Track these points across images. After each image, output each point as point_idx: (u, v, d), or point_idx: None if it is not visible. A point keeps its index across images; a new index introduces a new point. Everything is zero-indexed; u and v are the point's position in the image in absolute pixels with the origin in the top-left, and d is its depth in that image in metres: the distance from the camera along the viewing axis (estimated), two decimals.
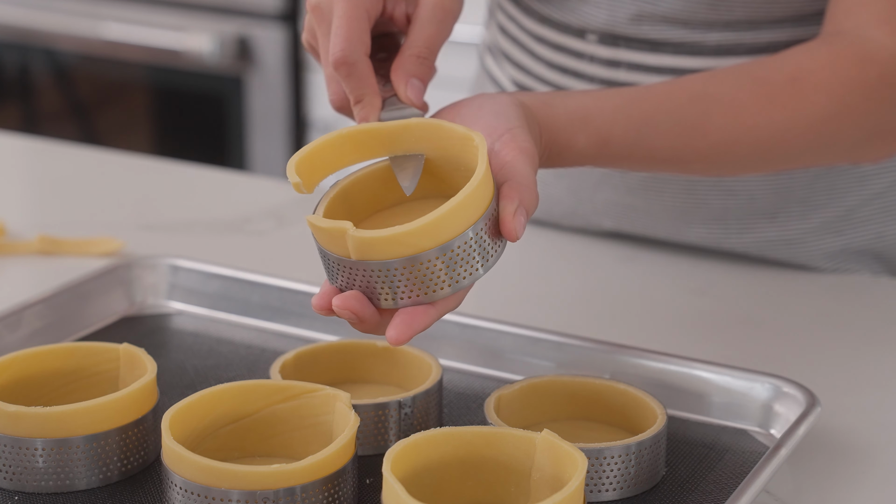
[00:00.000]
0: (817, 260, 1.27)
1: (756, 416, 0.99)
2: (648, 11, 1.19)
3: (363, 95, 0.93)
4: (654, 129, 1.01)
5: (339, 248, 0.85)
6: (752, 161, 1.05)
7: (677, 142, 1.02)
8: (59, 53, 2.80)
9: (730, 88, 1.03)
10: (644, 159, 1.02)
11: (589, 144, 0.98)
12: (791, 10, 1.17)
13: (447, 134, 0.89)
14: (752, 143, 1.03)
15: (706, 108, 1.02)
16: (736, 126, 1.02)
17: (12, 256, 1.28)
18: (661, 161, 1.03)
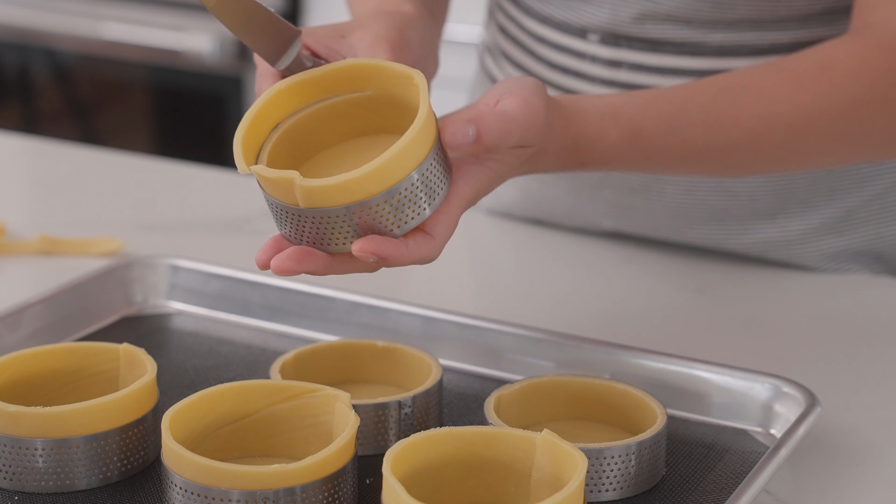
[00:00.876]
0: (817, 261, 1.27)
1: (756, 416, 0.99)
2: (652, 10, 1.19)
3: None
4: (685, 121, 1.00)
5: (286, 197, 0.86)
6: (788, 152, 1.04)
7: (710, 132, 1.01)
8: (59, 53, 2.80)
9: (758, 79, 1.03)
10: (679, 154, 1.01)
11: (621, 137, 0.98)
12: (795, 10, 1.17)
13: (386, 73, 0.90)
14: (785, 130, 1.02)
15: (736, 97, 1.02)
16: (768, 113, 1.02)
17: (12, 256, 1.28)
18: (697, 154, 1.02)
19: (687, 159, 1.02)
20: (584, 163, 0.98)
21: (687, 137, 1.01)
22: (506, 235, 1.36)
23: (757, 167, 1.07)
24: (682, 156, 1.02)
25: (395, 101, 0.90)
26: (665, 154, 1.01)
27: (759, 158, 1.04)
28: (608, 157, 0.99)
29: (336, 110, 0.92)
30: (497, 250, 1.35)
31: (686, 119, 1.01)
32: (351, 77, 0.91)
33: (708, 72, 1.20)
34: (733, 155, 1.03)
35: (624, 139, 0.98)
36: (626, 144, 0.99)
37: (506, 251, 1.34)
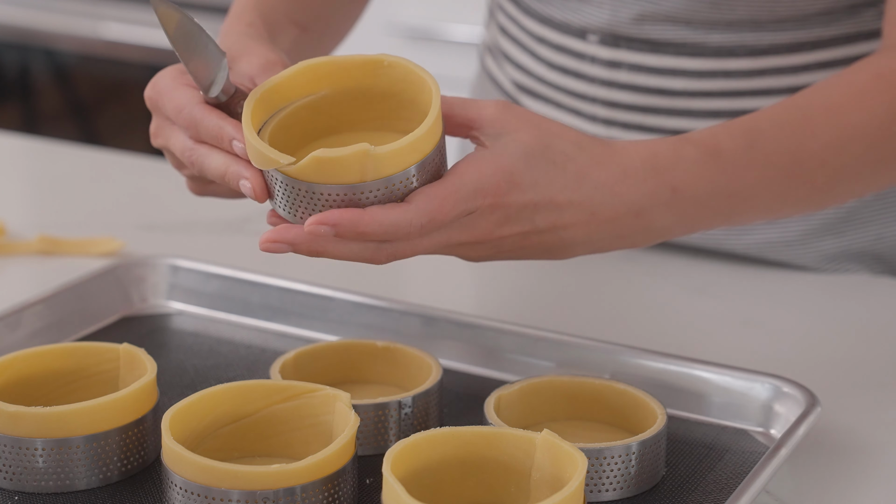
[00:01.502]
0: (817, 261, 1.27)
1: (756, 416, 0.99)
2: (651, 11, 1.19)
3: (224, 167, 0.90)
4: (761, 135, 0.97)
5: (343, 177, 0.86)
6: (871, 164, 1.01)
7: (789, 144, 0.98)
8: (59, 53, 2.80)
9: (821, 96, 1.01)
10: (764, 172, 0.97)
11: (699, 154, 0.94)
12: (794, 10, 1.17)
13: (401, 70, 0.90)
14: (861, 139, 1.00)
15: (805, 112, 0.99)
16: (840, 125, 0.99)
17: (12, 256, 1.28)
18: (784, 172, 0.98)
19: (775, 180, 0.98)
20: (675, 188, 0.94)
21: (768, 152, 0.97)
22: None
23: (847, 187, 1.03)
24: (768, 175, 0.97)
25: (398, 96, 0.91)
26: (751, 172, 0.97)
27: (846, 175, 1.01)
28: (695, 180, 0.94)
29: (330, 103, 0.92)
30: None
31: (761, 133, 0.97)
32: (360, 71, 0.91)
33: (707, 72, 1.20)
34: (819, 172, 0.99)
35: (703, 155, 0.95)
36: (708, 159, 0.95)
37: None
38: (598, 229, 0.92)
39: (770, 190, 0.98)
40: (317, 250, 0.87)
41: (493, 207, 0.88)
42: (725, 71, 1.20)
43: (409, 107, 0.91)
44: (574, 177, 0.90)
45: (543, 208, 0.90)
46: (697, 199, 0.95)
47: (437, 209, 0.86)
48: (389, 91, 0.91)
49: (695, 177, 0.94)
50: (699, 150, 0.95)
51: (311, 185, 0.86)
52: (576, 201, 0.90)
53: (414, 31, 2.50)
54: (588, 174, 0.91)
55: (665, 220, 0.94)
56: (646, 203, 0.93)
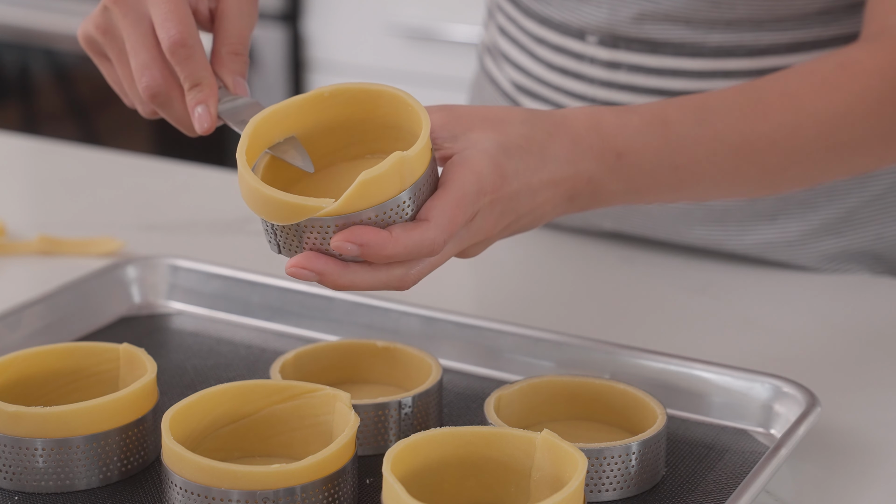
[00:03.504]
0: (817, 261, 1.27)
1: (756, 416, 0.99)
2: (650, 10, 1.19)
3: (202, 78, 0.93)
4: (711, 113, 0.98)
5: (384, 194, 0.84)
6: (824, 151, 1.02)
7: (740, 123, 0.99)
8: (59, 53, 2.80)
9: (780, 81, 1.02)
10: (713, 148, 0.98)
11: (643, 123, 0.96)
12: (793, 10, 1.17)
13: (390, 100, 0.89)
14: (815, 126, 1.01)
15: (759, 94, 1.01)
16: (794, 110, 1.01)
17: (12, 256, 1.28)
18: (733, 150, 0.99)
19: (724, 157, 0.99)
20: (620, 153, 0.95)
21: (718, 129, 0.98)
22: None
23: (799, 171, 1.04)
24: (716, 151, 0.99)
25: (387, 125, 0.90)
26: (699, 145, 0.98)
27: (798, 159, 1.02)
28: (639, 147, 0.96)
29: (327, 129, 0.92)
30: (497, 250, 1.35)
31: (711, 112, 0.99)
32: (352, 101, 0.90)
33: (707, 72, 1.20)
34: (770, 154, 1.00)
35: (649, 124, 0.96)
36: (655, 129, 0.96)
37: (506, 251, 1.34)
38: (560, 198, 0.93)
39: (719, 167, 0.99)
40: (346, 282, 0.85)
41: (492, 204, 0.89)
42: (725, 71, 1.20)
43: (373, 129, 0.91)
44: (539, 154, 0.91)
45: (523, 195, 0.91)
46: (643, 167, 0.96)
47: (451, 220, 0.85)
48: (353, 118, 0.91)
49: (639, 144, 0.95)
50: (643, 119, 0.96)
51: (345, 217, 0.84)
52: (545, 180, 0.91)
53: (414, 31, 2.50)
54: (547, 148, 0.92)
55: (613, 186, 0.95)
56: (594, 169, 0.94)
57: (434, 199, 0.86)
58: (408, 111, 0.88)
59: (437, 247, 0.85)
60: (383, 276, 0.86)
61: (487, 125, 0.90)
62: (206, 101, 0.93)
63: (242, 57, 0.97)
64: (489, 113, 0.91)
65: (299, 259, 0.85)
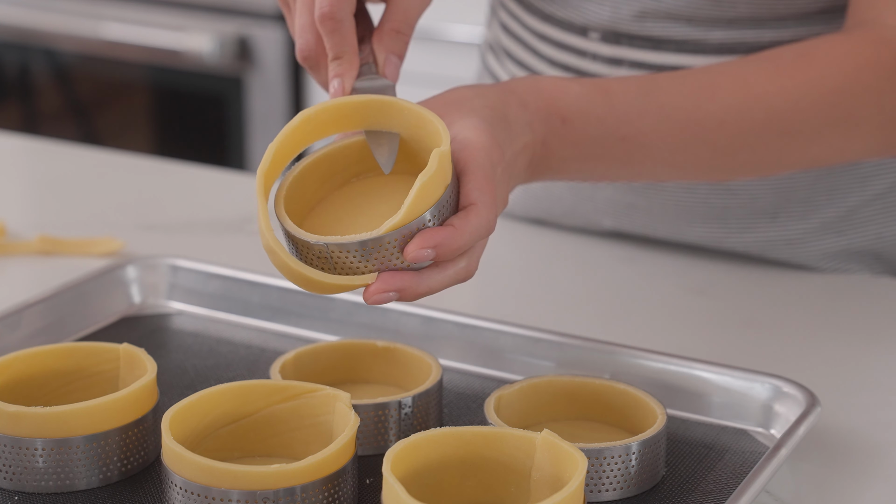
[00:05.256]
0: (818, 260, 1.27)
1: (756, 416, 0.99)
2: (652, 8, 1.19)
3: (343, 53, 0.93)
4: (656, 88, 1.00)
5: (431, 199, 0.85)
6: (775, 136, 1.03)
7: (686, 101, 1.00)
8: (59, 53, 2.80)
9: (734, 66, 1.03)
10: (658, 122, 0.99)
11: (585, 90, 0.97)
12: (794, 8, 1.17)
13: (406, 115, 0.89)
14: (765, 110, 1.02)
15: (711, 76, 1.02)
16: (744, 92, 1.01)
17: (12, 256, 1.28)
18: (680, 127, 1.00)
19: (671, 132, 1.00)
20: (564, 118, 0.96)
21: (662, 103, 0.99)
22: (506, 235, 1.36)
23: (751, 156, 1.04)
24: (663, 125, 0.99)
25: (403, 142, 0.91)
26: (644, 119, 0.99)
27: (747, 142, 1.02)
28: (582, 112, 0.97)
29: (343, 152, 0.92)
30: (497, 250, 1.35)
31: (657, 87, 1.00)
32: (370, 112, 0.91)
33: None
34: (719, 134, 1.01)
35: (591, 92, 0.97)
36: (596, 98, 0.97)
37: (506, 251, 1.34)
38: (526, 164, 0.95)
39: (667, 143, 1.00)
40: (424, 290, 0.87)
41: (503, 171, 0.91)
42: None
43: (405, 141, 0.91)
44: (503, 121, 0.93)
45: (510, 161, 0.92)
46: (589, 133, 0.97)
47: (491, 197, 0.87)
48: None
49: (582, 110, 0.97)
50: (584, 88, 0.97)
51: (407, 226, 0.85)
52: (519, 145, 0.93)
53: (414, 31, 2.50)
54: (507, 116, 0.93)
55: (563, 152, 0.97)
56: (544, 131, 0.95)
57: (467, 184, 0.87)
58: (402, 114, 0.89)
59: (493, 225, 0.87)
60: (451, 272, 0.88)
61: (453, 107, 0.92)
62: (343, 76, 0.93)
63: (403, 36, 0.96)
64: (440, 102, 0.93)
65: (378, 286, 0.86)
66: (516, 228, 1.36)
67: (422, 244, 0.84)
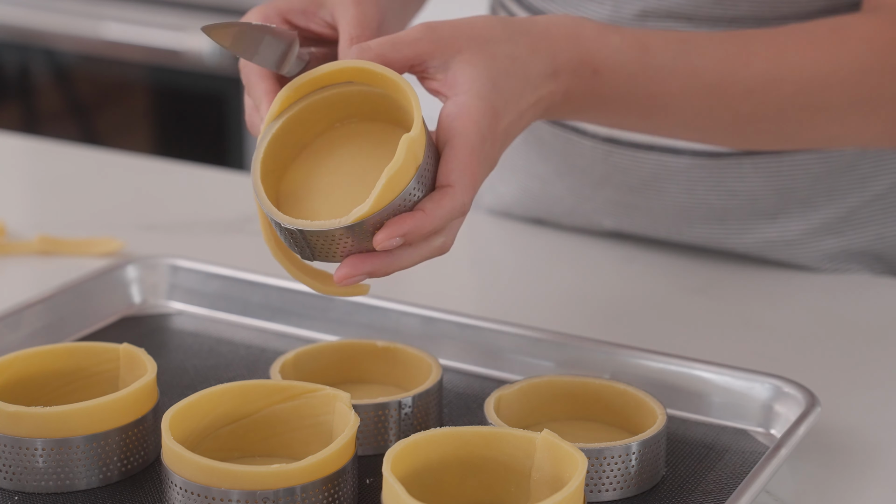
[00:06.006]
0: (818, 261, 1.27)
1: (756, 416, 0.99)
2: (653, 7, 1.19)
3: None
4: (693, 48, 0.99)
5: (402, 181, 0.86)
6: (799, 110, 1.03)
7: (720, 64, 0.99)
8: (59, 53, 2.80)
9: (770, 34, 1.03)
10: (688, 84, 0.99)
11: (625, 43, 0.97)
12: (796, 7, 1.17)
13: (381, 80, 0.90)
14: (794, 82, 1.01)
15: (747, 42, 1.01)
16: (778, 62, 1.01)
17: (12, 256, 1.28)
18: (707, 90, 1.00)
19: (697, 94, 1.00)
20: (596, 70, 0.96)
21: (696, 65, 0.99)
22: (506, 235, 1.36)
23: (771, 126, 1.04)
24: (692, 87, 0.99)
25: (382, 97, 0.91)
26: (674, 80, 0.99)
27: (771, 113, 1.02)
28: (616, 67, 0.96)
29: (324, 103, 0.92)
30: (497, 250, 1.35)
31: (694, 47, 0.99)
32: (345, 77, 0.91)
33: None
34: (744, 102, 1.01)
35: (629, 47, 0.97)
36: (634, 53, 0.97)
37: (506, 251, 1.34)
38: (538, 111, 0.95)
39: (691, 104, 1.00)
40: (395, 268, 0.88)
41: (493, 143, 0.90)
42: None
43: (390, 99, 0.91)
44: (523, 76, 0.93)
45: (513, 122, 0.93)
46: (617, 87, 0.97)
47: (472, 178, 0.87)
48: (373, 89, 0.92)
49: (617, 63, 0.97)
50: (625, 40, 0.97)
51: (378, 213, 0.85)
52: (530, 99, 0.93)
53: None
54: (530, 67, 0.93)
55: (585, 101, 0.97)
56: (571, 81, 0.95)
57: (448, 162, 0.87)
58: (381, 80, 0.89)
59: (467, 206, 0.87)
60: (425, 250, 0.88)
61: (474, 46, 0.91)
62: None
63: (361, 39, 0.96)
64: (473, 30, 0.92)
65: (346, 270, 0.87)
66: (516, 228, 1.36)
67: (390, 234, 0.85)
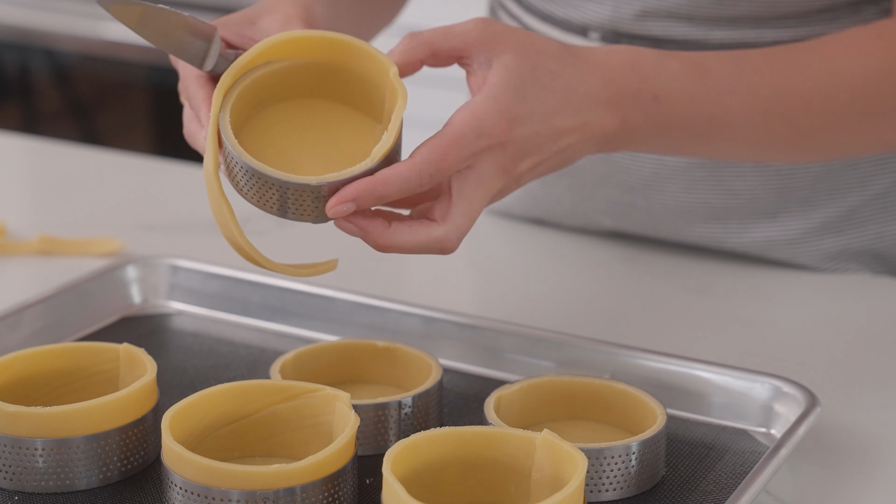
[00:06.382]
0: (818, 260, 1.27)
1: (756, 416, 0.99)
2: (653, 7, 1.19)
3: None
4: (749, 65, 0.99)
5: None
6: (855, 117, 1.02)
7: (776, 80, 0.99)
8: (59, 53, 2.80)
9: (818, 42, 1.03)
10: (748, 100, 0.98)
11: (683, 68, 0.96)
12: (795, 7, 1.17)
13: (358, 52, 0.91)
14: (849, 90, 1.01)
15: (798, 54, 1.01)
16: (830, 71, 1.01)
17: (12, 256, 1.28)
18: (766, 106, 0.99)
19: (756, 112, 0.99)
20: (656, 96, 0.95)
21: (754, 82, 0.98)
22: (506, 235, 1.36)
23: (829, 137, 1.03)
24: (751, 104, 0.99)
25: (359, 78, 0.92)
26: (734, 98, 0.98)
27: (829, 123, 1.02)
28: (677, 92, 0.96)
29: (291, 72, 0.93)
30: (497, 250, 1.35)
31: (749, 63, 0.99)
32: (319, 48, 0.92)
33: None
34: (802, 115, 1.00)
35: (688, 70, 0.96)
36: (693, 76, 0.96)
37: (506, 251, 1.34)
38: (591, 138, 0.94)
39: (751, 121, 1.00)
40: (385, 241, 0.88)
41: (503, 147, 0.90)
42: None
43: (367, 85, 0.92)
44: (563, 93, 0.92)
45: (545, 136, 0.91)
46: (678, 112, 0.96)
47: (441, 157, 0.87)
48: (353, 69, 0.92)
49: (677, 88, 0.96)
50: (683, 64, 0.97)
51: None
52: (569, 120, 0.92)
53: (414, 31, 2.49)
54: (575, 88, 0.92)
55: (646, 129, 0.96)
56: (628, 109, 0.94)
57: (428, 139, 0.88)
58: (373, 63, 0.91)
59: (426, 179, 0.87)
60: (423, 235, 0.88)
61: (521, 50, 0.91)
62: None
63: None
64: (527, 38, 0.92)
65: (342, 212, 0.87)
66: (516, 228, 1.36)
67: (339, 199, 0.86)
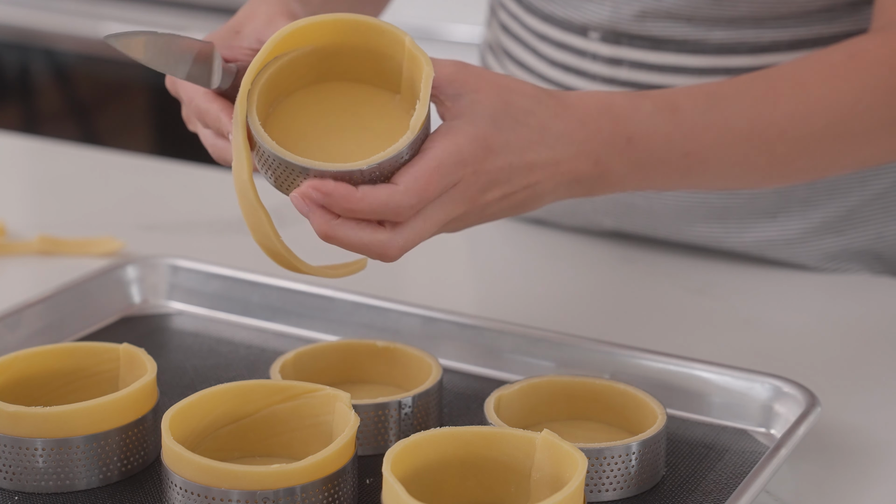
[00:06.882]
0: (818, 260, 1.27)
1: (756, 416, 0.99)
2: (652, 7, 1.19)
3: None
4: (721, 100, 0.99)
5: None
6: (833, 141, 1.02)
7: (749, 111, 0.99)
8: (59, 53, 2.80)
9: (790, 70, 1.03)
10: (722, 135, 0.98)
11: (655, 108, 0.96)
12: (795, 8, 1.17)
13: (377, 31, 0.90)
14: (824, 115, 1.01)
15: (771, 82, 1.01)
16: (804, 98, 1.01)
17: (12, 256, 1.28)
18: (742, 138, 0.99)
19: (732, 144, 0.99)
20: (630, 137, 0.95)
21: (727, 116, 0.99)
22: (506, 235, 1.36)
23: (808, 162, 1.04)
24: (726, 138, 0.99)
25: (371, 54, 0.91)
26: (708, 133, 0.98)
27: (806, 149, 1.02)
28: (650, 132, 0.96)
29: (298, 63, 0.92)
30: (497, 250, 1.35)
31: (722, 99, 0.99)
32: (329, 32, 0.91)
33: (708, 69, 1.20)
34: (778, 143, 1.01)
35: (661, 109, 0.96)
36: (665, 115, 0.96)
37: (506, 251, 1.34)
38: (561, 178, 0.93)
39: (727, 155, 1.00)
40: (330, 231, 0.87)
41: (475, 175, 0.89)
42: (727, 68, 1.20)
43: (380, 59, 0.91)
44: (538, 130, 0.92)
45: (517, 168, 0.91)
46: (653, 151, 0.96)
47: (423, 188, 0.86)
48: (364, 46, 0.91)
49: (650, 128, 0.96)
50: (656, 104, 0.97)
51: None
52: (542, 155, 0.92)
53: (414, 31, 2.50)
54: (548, 126, 0.92)
55: (622, 170, 0.96)
56: (602, 151, 0.94)
57: (409, 166, 0.87)
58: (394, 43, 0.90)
59: (403, 210, 0.86)
60: (367, 236, 0.87)
61: (494, 90, 0.91)
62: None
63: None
64: (501, 80, 0.92)
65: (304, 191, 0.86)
66: (516, 228, 1.36)
67: (313, 185, 0.85)
